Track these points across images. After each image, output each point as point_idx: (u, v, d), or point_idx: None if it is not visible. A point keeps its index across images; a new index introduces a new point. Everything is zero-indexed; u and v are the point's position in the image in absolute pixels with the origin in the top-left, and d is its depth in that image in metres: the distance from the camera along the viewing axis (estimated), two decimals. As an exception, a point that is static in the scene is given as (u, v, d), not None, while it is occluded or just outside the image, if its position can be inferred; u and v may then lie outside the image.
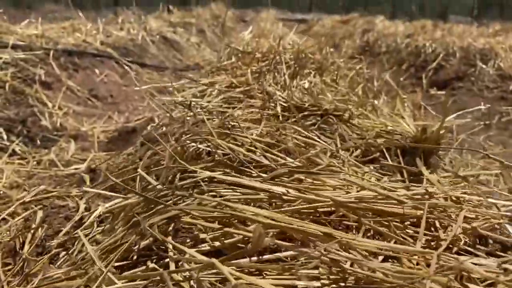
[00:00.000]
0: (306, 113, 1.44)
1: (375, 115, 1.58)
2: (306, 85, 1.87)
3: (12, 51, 3.03)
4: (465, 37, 5.70)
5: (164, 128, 1.70)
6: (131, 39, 5.13)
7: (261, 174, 0.93)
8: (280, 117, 1.39)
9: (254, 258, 0.67)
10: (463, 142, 2.69)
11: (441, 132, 1.21)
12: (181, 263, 0.70)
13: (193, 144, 1.08)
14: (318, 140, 1.14)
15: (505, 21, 20.19)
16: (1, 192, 1.58)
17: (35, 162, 2.06)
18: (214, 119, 1.39)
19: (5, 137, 2.15)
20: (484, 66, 3.88)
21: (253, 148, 1.00)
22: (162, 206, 0.74)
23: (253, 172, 0.94)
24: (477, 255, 0.71)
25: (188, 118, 1.43)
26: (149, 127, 2.22)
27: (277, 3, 18.85)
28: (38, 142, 2.31)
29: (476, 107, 3.28)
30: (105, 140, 2.45)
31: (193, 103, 1.53)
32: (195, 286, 0.63)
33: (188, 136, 1.10)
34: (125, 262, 0.79)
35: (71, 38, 4.15)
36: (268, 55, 2.32)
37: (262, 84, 1.58)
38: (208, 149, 1.10)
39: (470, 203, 0.82)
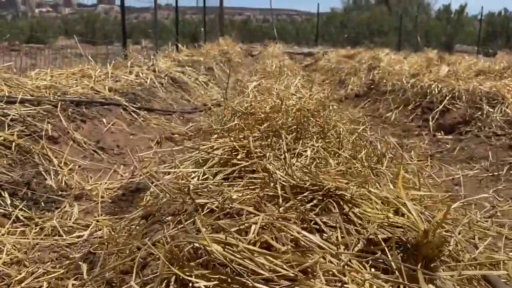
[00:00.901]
0: (306, 193, 1.42)
1: (378, 190, 1.56)
2: (308, 152, 1.86)
3: (20, 107, 3.08)
4: (471, 75, 5.71)
5: (163, 198, 1.69)
6: (139, 84, 5.21)
7: (256, 285, 0.91)
8: (281, 199, 1.38)
9: None
10: (471, 197, 2.65)
11: (443, 233, 1.18)
12: None
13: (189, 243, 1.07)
14: (318, 236, 1.12)
15: (511, 49, 20.31)
16: (1, 270, 1.56)
17: (38, 228, 2.06)
18: (213, 202, 1.38)
19: (8, 202, 2.16)
20: (491, 110, 3.86)
21: (249, 255, 0.98)
22: None
23: (249, 282, 0.92)
24: None
25: (188, 199, 1.42)
26: (152, 185, 2.22)
27: (284, 37, 19.15)
28: (42, 204, 2.31)
29: (483, 155, 3.26)
30: (108, 201, 2.44)
31: (193, 178, 1.52)
32: None
33: (183, 236, 1.09)
34: None
35: (79, 86, 4.22)
36: (271, 115, 2.32)
37: (262, 161, 1.58)
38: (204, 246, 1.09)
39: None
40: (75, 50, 9.05)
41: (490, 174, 2.91)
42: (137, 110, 4.32)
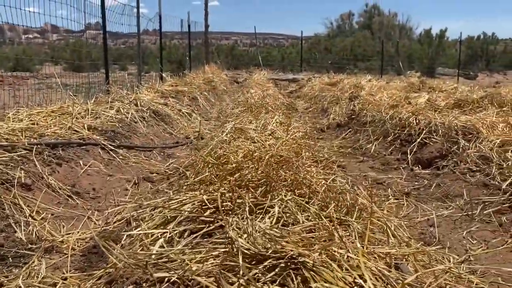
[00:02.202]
0: (269, 261, 1.41)
1: (343, 250, 1.56)
2: (276, 209, 1.86)
3: (-8, 154, 3.05)
4: (450, 103, 5.82)
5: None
6: (120, 120, 5.19)
7: None
8: (241, 270, 1.36)
9: None
10: (445, 240, 2.66)
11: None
12: None
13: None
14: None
15: (491, 71, 20.80)
16: None
17: (3, 288, 2.01)
18: (172, 275, 1.36)
19: (-26, 261, 2.11)
20: (467, 144, 3.91)
21: None
22: None
23: None
24: None
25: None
26: (111, 256, 2.19)
27: (270, 62, 19.38)
28: (10, 260, 2.26)
29: (458, 193, 3.28)
30: (79, 254, 2.40)
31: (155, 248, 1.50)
32: None
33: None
34: None
35: (57, 127, 4.19)
36: (243, 164, 2.32)
37: (226, 224, 1.57)
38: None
39: None
40: (60, 79, 9.03)
41: (464, 214, 2.93)
42: (115, 149, 4.29)
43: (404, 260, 1.95)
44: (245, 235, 1.50)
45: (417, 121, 4.82)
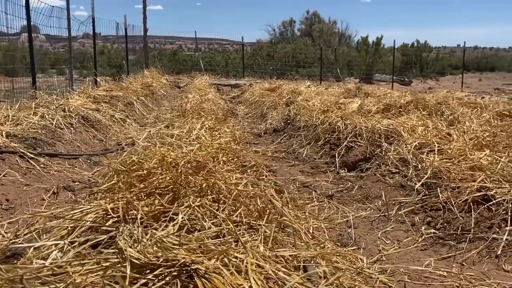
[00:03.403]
0: (160, 269, 1.37)
1: (243, 255, 1.54)
2: (180, 217, 1.82)
3: None
4: (380, 108, 6.04)
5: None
6: (43, 126, 4.93)
7: None
8: (127, 280, 1.31)
9: None
10: (361, 240, 2.73)
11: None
12: None
13: None
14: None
15: (425, 77, 21.90)
16: None
17: None
18: (53, 290, 1.28)
19: None
20: (389, 147, 4.06)
21: None
22: None
23: None
24: None
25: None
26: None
27: (213, 67, 19.33)
28: None
29: (378, 194, 3.39)
30: (-22, 270, 2.23)
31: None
32: None
33: None
34: None
35: (-31, 134, 3.92)
36: (154, 171, 2.26)
37: (117, 236, 1.51)
38: None
39: None
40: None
41: (381, 215, 3.02)
42: (36, 157, 4.07)
43: (313, 262, 1.97)
44: (136, 244, 1.45)
45: (345, 125, 4.96)
